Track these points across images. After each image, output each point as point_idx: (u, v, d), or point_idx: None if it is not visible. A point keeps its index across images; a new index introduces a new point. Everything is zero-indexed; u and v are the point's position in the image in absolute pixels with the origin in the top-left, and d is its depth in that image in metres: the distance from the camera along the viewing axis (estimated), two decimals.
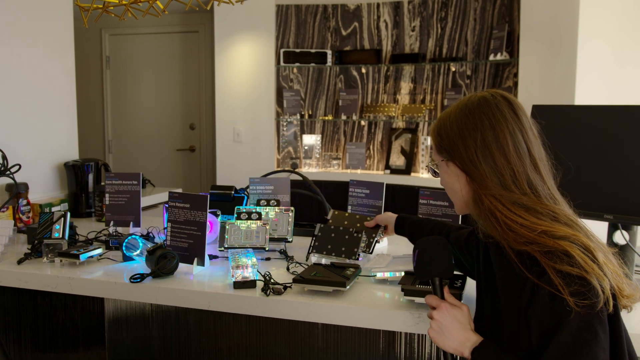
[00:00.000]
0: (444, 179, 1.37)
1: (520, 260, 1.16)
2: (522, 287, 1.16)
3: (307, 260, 2.02)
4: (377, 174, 4.83)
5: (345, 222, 2.12)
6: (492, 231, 1.22)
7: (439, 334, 1.28)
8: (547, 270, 1.11)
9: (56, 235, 2.08)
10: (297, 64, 4.92)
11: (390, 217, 1.99)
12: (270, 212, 2.22)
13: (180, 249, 1.93)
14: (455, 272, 1.78)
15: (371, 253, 2.01)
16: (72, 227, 2.28)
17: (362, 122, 4.97)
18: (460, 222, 1.96)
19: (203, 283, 1.81)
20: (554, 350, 1.09)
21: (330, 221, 2.17)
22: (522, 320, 1.16)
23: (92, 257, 2.00)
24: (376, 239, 2.03)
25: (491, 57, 4.34)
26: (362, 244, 1.99)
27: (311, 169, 4.95)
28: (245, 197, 2.52)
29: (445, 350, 1.28)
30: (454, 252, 1.58)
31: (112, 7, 2.53)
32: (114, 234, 2.36)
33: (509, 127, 1.25)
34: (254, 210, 2.14)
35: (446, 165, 1.33)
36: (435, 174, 1.41)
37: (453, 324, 1.27)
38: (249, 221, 2.10)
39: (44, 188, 3.06)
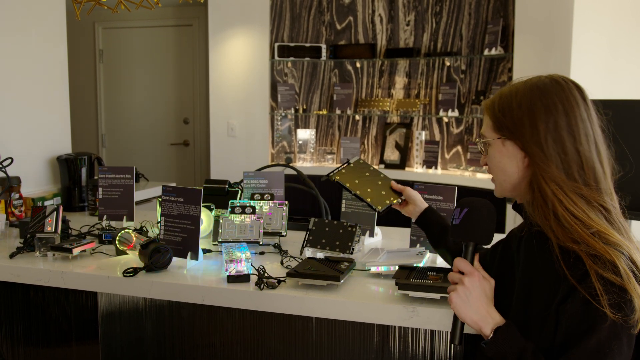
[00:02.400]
0: (494, 158, 1.30)
1: (563, 257, 1.13)
2: (560, 282, 1.13)
3: (301, 255, 2.02)
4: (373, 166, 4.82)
5: (367, 174, 1.94)
6: (541, 220, 1.18)
7: (464, 302, 1.23)
8: (590, 273, 1.08)
9: (49, 229, 2.06)
10: (292, 58, 4.90)
11: (419, 199, 1.83)
12: (264, 206, 2.22)
13: (173, 243, 1.93)
14: (450, 267, 1.78)
15: (380, 213, 1.86)
16: (65, 221, 2.27)
17: (357, 117, 4.96)
18: None
19: (197, 277, 1.80)
20: (578, 353, 1.07)
21: (347, 168, 1.95)
22: (552, 314, 1.14)
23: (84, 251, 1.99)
24: (392, 202, 1.84)
25: (486, 52, 4.34)
26: (357, 238, 1.99)
27: (305, 164, 4.94)
28: (239, 191, 2.51)
29: (462, 319, 1.24)
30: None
31: (104, 0, 2.51)
32: (107, 227, 2.35)
33: (581, 114, 1.20)
34: (248, 204, 2.13)
35: (502, 143, 1.27)
36: (482, 152, 1.35)
37: (481, 295, 1.23)
38: (242, 215, 2.09)
39: (36, 182, 3.05)
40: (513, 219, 3.75)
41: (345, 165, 1.96)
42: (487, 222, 1.27)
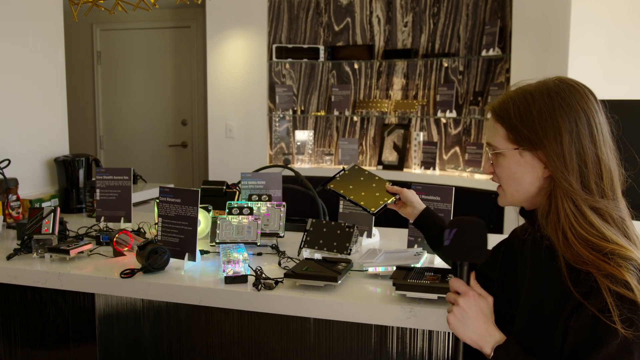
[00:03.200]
0: (508, 169, 1.23)
1: (571, 273, 1.11)
2: (568, 297, 1.11)
3: (298, 255, 2.02)
4: (370, 170, 4.82)
5: (361, 178, 1.94)
6: (553, 236, 1.15)
7: (460, 323, 1.21)
8: (601, 288, 1.05)
9: (46, 230, 2.06)
10: (290, 60, 4.90)
11: (417, 201, 1.80)
12: (261, 207, 2.22)
13: (171, 244, 1.92)
14: (448, 267, 1.79)
15: (374, 215, 1.84)
16: (62, 223, 2.27)
17: (355, 118, 4.96)
18: (451, 217, 1.96)
19: (194, 278, 1.80)
20: None
21: (342, 175, 1.96)
22: (559, 327, 1.11)
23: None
24: (387, 203, 1.83)
25: (483, 53, 4.34)
26: (354, 239, 1.99)
27: (304, 165, 4.94)
28: (237, 192, 2.51)
29: (462, 339, 1.22)
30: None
31: (101, 1, 2.51)
32: (105, 229, 2.35)
33: (599, 120, 1.16)
34: (245, 205, 2.13)
35: (519, 154, 1.20)
36: (491, 161, 1.28)
37: (477, 314, 1.20)
38: (240, 216, 2.09)
39: (34, 183, 3.04)
40: (515, 220, 3.75)
41: (340, 173, 1.96)
42: (477, 240, 1.23)
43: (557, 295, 1.14)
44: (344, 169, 1.97)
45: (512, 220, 3.70)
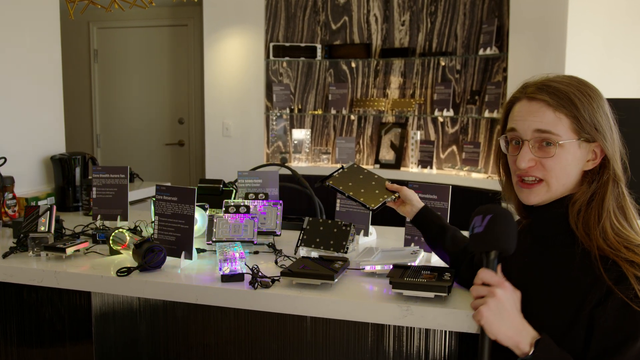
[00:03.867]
0: (564, 160, 1.21)
1: (602, 262, 1.12)
2: (592, 287, 1.10)
3: (295, 254, 2.01)
4: (367, 169, 4.82)
5: (360, 176, 1.93)
6: (584, 227, 1.16)
7: (497, 316, 1.11)
8: (628, 276, 1.06)
9: (42, 229, 2.05)
10: (287, 58, 4.90)
11: (415, 199, 1.78)
12: (258, 205, 2.21)
13: (167, 242, 1.92)
14: (444, 266, 1.79)
15: (373, 211, 1.83)
16: (59, 221, 2.26)
17: (352, 117, 4.96)
18: (448, 216, 1.95)
19: (190, 276, 1.80)
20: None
21: (341, 173, 1.95)
22: (582, 319, 1.09)
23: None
24: (387, 200, 1.81)
25: (481, 52, 4.34)
26: (351, 237, 1.99)
27: (301, 164, 4.94)
28: (234, 191, 2.51)
29: (494, 335, 1.12)
30: (475, 269, 1.51)
31: None
32: (101, 227, 2.34)
33: (613, 117, 1.24)
34: (242, 204, 2.12)
35: (578, 146, 1.20)
36: (542, 148, 1.23)
37: (513, 308, 1.13)
38: (237, 214, 2.09)
39: (30, 182, 3.03)
40: None
41: (339, 170, 1.96)
42: (509, 230, 1.17)
43: (579, 286, 1.13)
44: (342, 167, 1.97)
45: None
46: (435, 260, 1.95)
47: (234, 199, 2.44)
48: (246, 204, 2.14)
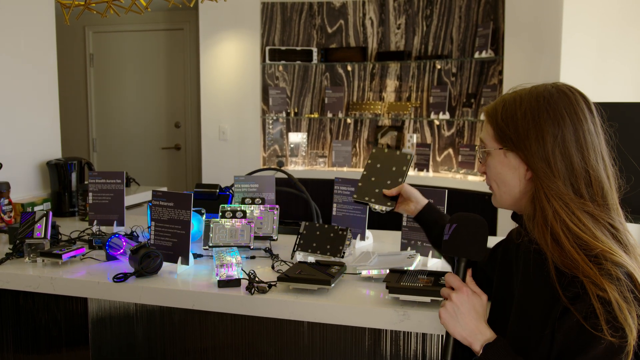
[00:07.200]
0: (495, 169, 1.25)
1: (559, 277, 1.10)
2: (557, 300, 1.10)
3: (292, 259, 2.01)
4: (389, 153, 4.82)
5: (393, 168, 1.82)
6: (540, 239, 1.15)
7: (452, 318, 1.21)
8: (589, 292, 1.05)
9: (38, 235, 2.05)
10: (283, 62, 4.90)
11: (417, 196, 1.75)
12: (255, 210, 2.21)
13: (164, 247, 1.92)
14: (441, 270, 1.79)
15: (382, 211, 1.80)
16: (55, 227, 2.26)
17: (348, 120, 4.96)
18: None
19: (187, 282, 1.79)
20: None
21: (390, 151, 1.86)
22: (547, 331, 1.11)
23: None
24: (379, 208, 1.78)
25: (476, 55, 4.35)
26: (347, 242, 1.99)
27: (297, 167, 4.94)
28: (230, 196, 2.51)
29: (452, 335, 1.22)
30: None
31: (93, 4, 2.50)
32: (97, 233, 2.34)
33: (589, 127, 1.16)
34: (238, 209, 2.12)
35: (504, 155, 1.22)
36: (480, 159, 1.31)
37: (470, 311, 1.21)
38: (233, 219, 2.09)
39: (26, 187, 3.03)
40: (509, 222, 3.75)
41: (397, 148, 1.89)
42: (476, 237, 1.25)
43: (545, 299, 1.14)
44: (399, 149, 1.85)
45: (505, 222, 3.71)
46: (432, 265, 1.96)
47: (231, 204, 2.44)
48: (243, 208, 2.14)
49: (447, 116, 4.54)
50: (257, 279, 1.74)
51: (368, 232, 2.29)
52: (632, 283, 1.07)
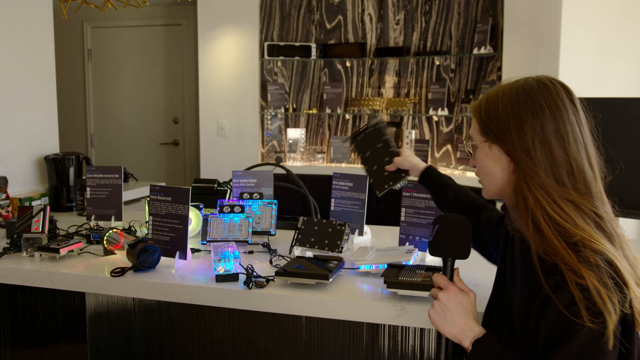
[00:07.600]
0: (481, 161, 1.29)
1: (541, 265, 1.11)
2: (539, 289, 1.11)
3: (290, 254, 2.01)
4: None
5: (378, 146, 1.92)
6: (523, 227, 1.16)
7: (440, 317, 1.25)
8: (567, 281, 1.06)
9: (36, 229, 2.05)
10: (282, 58, 4.90)
11: (414, 162, 1.86)
12: (253, 205, 2.21)
13: (162, 242, 1.92)
14: (439, 265, 1.79)
15: (379, 196, 1.86)
16: (52, 221, 2.25)
17: (347, 116, 4.96)
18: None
19: (185, 277, 1.79)
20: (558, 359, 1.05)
21: (366, 134, 1.94)
22: (532, 321, 1.12)
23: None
24: (392, 187, 1.87)
25: (475, 51, 4.35)
26: (345, 237, 1.99)
27: (296, 163, 4.93)
28: (228, 191, 2.50)
29: (442, 334, 1.25)
30: (481, 232, 1.54)
31: None
32: (95, 227, 2.33)
33: (569, 117, 1.18)
34: (236, 204, 2.12)
35: (488, 147, 1.26)
36: (470, 154, 1.35)
37: (457, 309, 1.24)
38: (231, 214, 2.08)
39: (23, 182, 3.02)
40: None
41: (367, 129, 1.96)
42: (459, 237, 1.30)
43: (531, 288, 1.14)
44: (368, 125, 1.96)
45: None
46: (430, 260, 1.96)
47: (229, 198, 2.43)
48: (240, 203, 2.13)
49: (445, 112, 4.53)
50: (255, 273, 1.74)
51: (366, 228, 2.29)
52: (613, 270, 1.07)
